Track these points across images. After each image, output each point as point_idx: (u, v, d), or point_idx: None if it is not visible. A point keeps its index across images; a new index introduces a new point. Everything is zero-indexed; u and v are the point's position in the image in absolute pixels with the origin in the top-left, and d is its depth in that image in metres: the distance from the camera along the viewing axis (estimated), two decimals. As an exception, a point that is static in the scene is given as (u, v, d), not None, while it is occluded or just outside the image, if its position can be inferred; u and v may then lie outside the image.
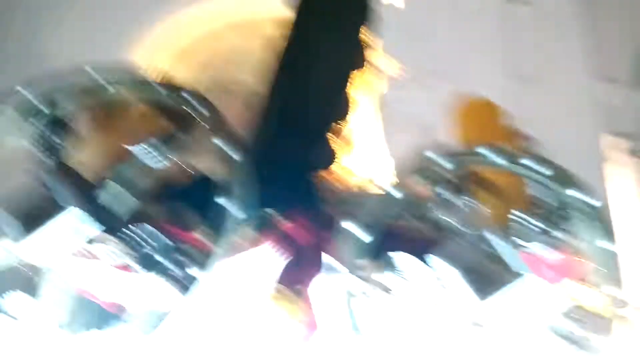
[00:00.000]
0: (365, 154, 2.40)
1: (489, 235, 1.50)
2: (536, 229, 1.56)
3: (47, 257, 1.39)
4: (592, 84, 6.29)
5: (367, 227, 1.50)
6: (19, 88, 1.51)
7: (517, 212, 1.58)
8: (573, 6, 6.70)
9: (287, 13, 2.44)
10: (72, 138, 1.57)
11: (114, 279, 1.44)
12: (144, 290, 1.46)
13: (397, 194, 1.50)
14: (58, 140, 1.51)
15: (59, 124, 1.52)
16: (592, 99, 6.19)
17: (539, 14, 6.73)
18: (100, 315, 1.47)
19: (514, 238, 1.55)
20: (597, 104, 6.27)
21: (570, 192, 1.55)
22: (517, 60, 6.47)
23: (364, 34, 2.51)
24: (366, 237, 1.48)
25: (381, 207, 1.51)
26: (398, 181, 1.54)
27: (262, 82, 2.27)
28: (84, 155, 1.63)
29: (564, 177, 1.57)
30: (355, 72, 2.36)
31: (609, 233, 1.51)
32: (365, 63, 2.48)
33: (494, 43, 6.29)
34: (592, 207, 1.53)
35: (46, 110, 1.50)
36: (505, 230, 1.55)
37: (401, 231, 1.69)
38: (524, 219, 1.57)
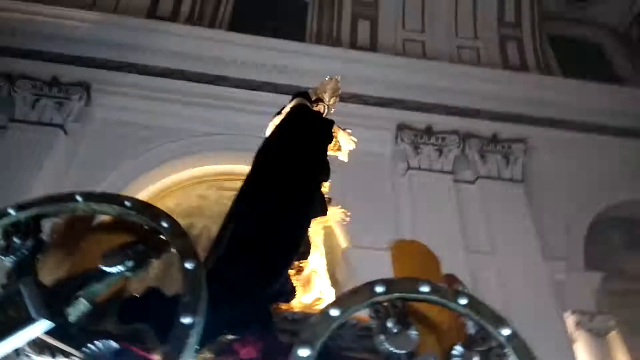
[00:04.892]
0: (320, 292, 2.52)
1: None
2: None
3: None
4: (543, 261, 6.69)
5: (321, 354, 1.57)
6: (9, 209, 1.68)
7: (459, 347, 1.70)
8: (512, 187, 7.42)
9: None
10: (47, 253, 1.70)
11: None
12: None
13: (343, 319, 1.59)
14: (34, 255, 1.64)
15: (37, 241, 1.67)
16: (543, 276, 6.53)
17: (485, 193, 7.40)
18: None
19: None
20: (551, 281, 6.61)
21: (504, 331, 1.68)
22: (473, 235, 6.93)
23: (325, 189, 2.83)
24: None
25: (331, 333, 1.60)
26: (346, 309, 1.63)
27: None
28: (56, 269, 1.74)
29: (496, 318, 1.71)
30: (316, 218, 2.61)
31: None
32: (325, 212, 2.75)
33: (448, 217, 6.79)
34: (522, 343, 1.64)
35: (30, 229, 1.66)
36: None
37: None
38: (465, 355, 1.68)
